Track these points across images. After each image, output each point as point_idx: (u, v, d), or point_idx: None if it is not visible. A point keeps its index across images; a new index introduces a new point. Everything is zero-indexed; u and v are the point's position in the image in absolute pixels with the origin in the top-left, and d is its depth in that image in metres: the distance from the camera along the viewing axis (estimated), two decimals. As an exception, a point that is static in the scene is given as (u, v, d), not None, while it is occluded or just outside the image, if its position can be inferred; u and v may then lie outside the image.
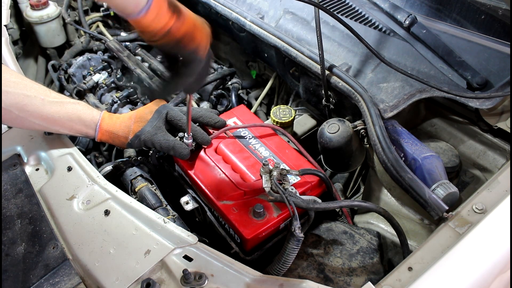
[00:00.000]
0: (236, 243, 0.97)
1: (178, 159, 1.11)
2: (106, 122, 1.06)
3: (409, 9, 1.30)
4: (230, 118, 1.21)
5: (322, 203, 0.92)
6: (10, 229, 0.89)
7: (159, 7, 0.75)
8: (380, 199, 1.14)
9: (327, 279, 0.89)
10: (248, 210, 0.96)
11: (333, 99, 1.21)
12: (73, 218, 0.91)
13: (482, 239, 0.77)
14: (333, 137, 1.07)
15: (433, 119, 1.24)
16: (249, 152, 1.10)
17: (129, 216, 0.90)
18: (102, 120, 1.06)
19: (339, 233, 1.00)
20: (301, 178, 1.03)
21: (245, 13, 1.40)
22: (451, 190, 0.91)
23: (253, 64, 1.77)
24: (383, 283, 0.73)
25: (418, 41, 1.22)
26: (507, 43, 1.11)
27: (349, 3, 1.36)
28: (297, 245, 0.83)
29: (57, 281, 0.80)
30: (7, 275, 0.80)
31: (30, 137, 1.11)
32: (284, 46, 1.26)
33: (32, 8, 1.65)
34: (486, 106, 1.05)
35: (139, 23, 0.77)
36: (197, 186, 1.06)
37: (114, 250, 0.84)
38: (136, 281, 0.78)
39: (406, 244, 0.93)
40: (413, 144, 1.02)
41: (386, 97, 1.08)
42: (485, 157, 1.15)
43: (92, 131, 1.06)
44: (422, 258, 0.77)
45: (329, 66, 1.14)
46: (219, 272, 0.78)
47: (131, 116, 1.07)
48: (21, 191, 0.97)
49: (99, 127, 1.05)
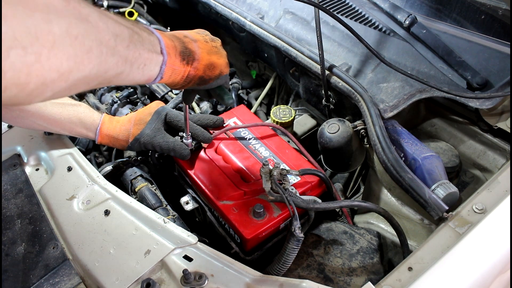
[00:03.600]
0: (236, 243, 0.97)
1: (178, 159, 1.11)
2: (106, 126, 1.07)
3: (409, 9, 1.30)
4: (230, 118, 1.21)
5: (322, 203, 0.92)
6: (10, 229, 0.89)
7: (172, 69, 0.73)
8: (380, 199, 1.14)
9: (327, 279, 0.89)
10: (248, 210, 0.96)
11: (333, 99, 1.21)
12: (73, 218, 0.91)
13: (482, 239, 0.77)
14: (333, 137, 1.07)
15: (433, 119, 1.24)
16: (249, 152, 1.10)
17: (129, 216, 0.90)
18: (102, 124, 1.07)
19: (339, 233, 1.00)
20: (301, 178, 1.03)
21: (245, 13, 1.40)
22: (451, 190, 0.91)
23: (253, 64, 1.77)
24: (383, 283, 0.73)
25: (418, 41, 1.22)
26: (507, 43, 1.11)
27: (349, 3, 1.36)
28: (297, 245, 0.83)
29: (57, 281, 0.80)
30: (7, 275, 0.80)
31: (30, 137, 1.11)
32: (284, 46, 1.26)
33: (32, 8, 1.65)
34: (486, 106, 1.05)
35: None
36: (197, 186, 1.06)
37: (114, 250, 0.84)
38: (136, 281, 0.78)
39: (406, 244, 0.93)
40: (413, 144, 1.02)
41: (386, 97, 1.08)
42: (485, 157, 1.15)
43: (93, 134, 1.07)
44: (422, 258, 0.77)
45: (329, 66, 1.15)
46: (219, 272, 0.78)
47: (130, 119, 1.08)
48: (21, 191, 0.97)
49: (99, 131, 1.07)
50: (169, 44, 0.71)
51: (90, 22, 0.52)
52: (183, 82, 0.78)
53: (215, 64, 0.81)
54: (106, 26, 0.55)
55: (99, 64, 0.53)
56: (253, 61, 1.76)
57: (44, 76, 0.46)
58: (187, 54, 0.76)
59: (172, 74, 0.73)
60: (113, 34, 0.56)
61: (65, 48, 0.48)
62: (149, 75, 0.68)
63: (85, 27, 0.51)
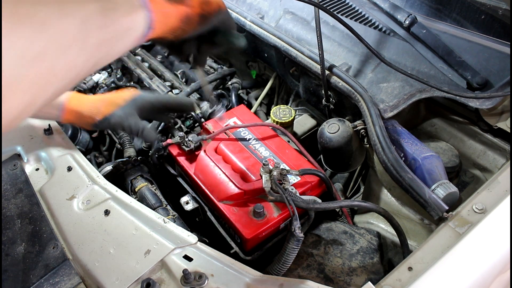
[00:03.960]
0: (236, 243, 0.97)
1: (178, 159, 1.11)
2: (73, 103, 1.01)
3: (409, 9, 1.30)
4: (230, 118, 1.21)
5: (322, 203, 0.92)
6: (10, 229, 0.89)
7: (162, 13, 0.66)
8: (380, 199, 1.14)
9: (327, 279, 0.89)
10: (248, 210, 0.96)
11: (333, 99, 1.21)
12: (73, 218, 0.91)
13: (482, 239, 0.77)
14: (333, 137, 1.07)
15: (433, 119, 1.24)
16: (249, 152, 1.10)
17: (129, 216, 0.90)
18: (69, 100, 1.00)
19: (339, 233, 1.00)
20: (301, 178, 1.03)
21: (245, 13, 1.40)
22: (451, 190, 0.91)
23: (253, 64, 1.77)
24: (383, 283, 0.73)
25: (418, 41, 1.22)
26: (507, 43, 1.11)
27: (349, 3, 1.36)
28: (297, 245, 0.83)
29: (57, 281, 0.80)
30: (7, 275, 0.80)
31: (30, 137, 1.11)
32: (284, 46, 1.26)
33: (32, 8, 1.65)
34: (486, 106, 1.05)
35: (157, 38, 0.69)
36: (197, 186, 1.06)
37: (114, 250, 0.84)
38: (136, 281, 0.78)
39: (406, 244, 0.93)
40: (413, 144, 1.02)
41: (386, 97, 1.08)
42: (485, 157, 1.15)
43: (56, 110, 1.00)
44: (422, 258, 0.77)
45: (329, 66, 1.14)
46: (219, 272, 0.78)
47: (103, 99, 1.03)
48: (21, 191, 0.97)
49: (64, 106, 0.99)
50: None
51: (47, 30, 0.45)
52: (184, 25, 0.71)
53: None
54: (67, 22, 0.47)
55: (68, 71, 0.48)
56: (253, 61, 1.76)
57: (4, 119, 0.42)
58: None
59: (165, 19, 0.67)
60: (79, 27, 0.48)
61: (22, 83, 0.41)
62: (136, 35, 0.61)
63: (45, 39, 0.44)
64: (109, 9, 0.54)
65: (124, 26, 0.57)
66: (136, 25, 0.61)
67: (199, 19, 0.74)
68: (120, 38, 0.57)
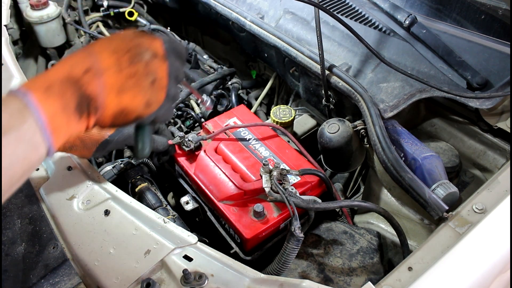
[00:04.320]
0: (236, 243, 0.97)
1: (178, 159, 1.11)
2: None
3: (409, 9, 1.30)
4: (230, 118, 1.21)
5: (322, 203, 0.92)
6: (10, 229, 0.89)
7: (66, 137, 0.54)
8: (380, 199, 1.14)
9: (327, 279, 0.89)
10: (248, 210, 0.96)
11: (333, 99, 1.21)
12: (73, 218, 0.91)
13: (482, 239, 0.77)
14: (333, 137, 1.07)
15: (433, 119, 1.24)
16: (249, 152, 1.10)
17: (129, 216, 0.90)
18: None
19: (339, 233, 1.00)
20: (301, 178, 1.03)
21: (245, 13, 1.40)
22: (451, 190, 0.91)
23: (253, 64, 1.77)
24: (383, 283, 0.73)
25: (418, 41, 1.22)
26: (507, 43, 1.11)
27: (349, 3, 1.36)
28: (297, 245, 0.83)
29: (57, 281, 0.80)
30: (7, 275, 0.80)
31: (30, 137, 1.11)
32: (284, 46, 1.26)
33: (32, 8, 1.65)
34: (486, 106, 1.05)
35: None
36: (197, 186, 1.06)
37: (114, 250, 0.84)
38: (136, 281, 0.78)
39: (406, 244, 0.93)
40: (413, 144, 1.02)
41: (386, 97, 1.08)
42: (485, 157, 1.15)
43: None
44: (422, 258, 0.77)
45: (329, 66, 1.14)
46: (219, 272, 0.78)
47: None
48: (21, 191, 0.97)
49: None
50: (55, 116, 0.51)
51: None
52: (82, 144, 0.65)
53: (128, 109, 0.59)
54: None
55: None
56: (253, 61, 1.76)
57: None
58: (86, 104, 0.54)
59: (65, 136, 0.54)
60: None
61: None
62: (36, 156, 0.51)
63: None
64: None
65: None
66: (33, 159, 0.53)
67: (110, 126, 0.63)
68: None
